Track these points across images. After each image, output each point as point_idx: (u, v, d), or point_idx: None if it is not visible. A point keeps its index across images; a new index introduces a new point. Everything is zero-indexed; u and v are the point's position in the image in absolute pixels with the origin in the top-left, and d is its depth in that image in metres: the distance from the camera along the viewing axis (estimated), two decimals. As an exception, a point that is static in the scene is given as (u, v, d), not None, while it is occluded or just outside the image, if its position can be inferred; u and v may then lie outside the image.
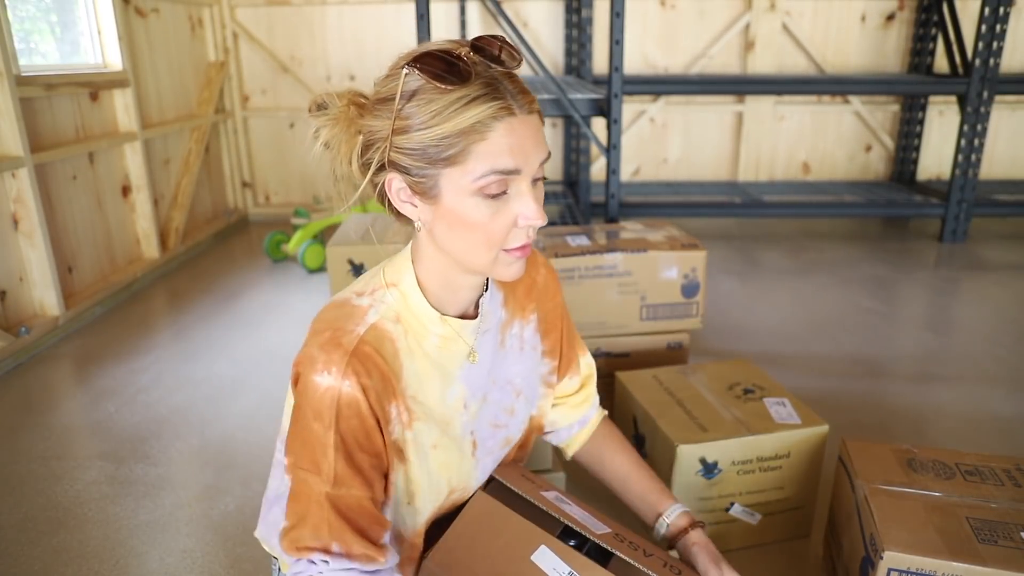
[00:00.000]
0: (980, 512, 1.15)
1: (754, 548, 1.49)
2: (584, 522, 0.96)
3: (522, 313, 0.99)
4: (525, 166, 0.76)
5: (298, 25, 4.12)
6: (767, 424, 1.42)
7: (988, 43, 3.40)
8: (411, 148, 0.75)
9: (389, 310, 0.83)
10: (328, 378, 0.77)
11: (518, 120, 0.75)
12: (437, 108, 0.73)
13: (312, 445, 0.78)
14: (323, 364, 0.77)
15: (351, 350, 0.78)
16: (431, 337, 0.85)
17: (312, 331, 0.82)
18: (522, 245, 0.81)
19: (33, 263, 2.49)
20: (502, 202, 0.77)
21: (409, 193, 0.79)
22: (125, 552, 1.50)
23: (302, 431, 0.79)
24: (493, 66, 0.75)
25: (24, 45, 2.70)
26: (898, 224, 4.18)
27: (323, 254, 3.30)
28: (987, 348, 2.45)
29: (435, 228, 0.80)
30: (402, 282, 0.85)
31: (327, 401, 0.77)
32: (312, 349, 0.79)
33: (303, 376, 0.79)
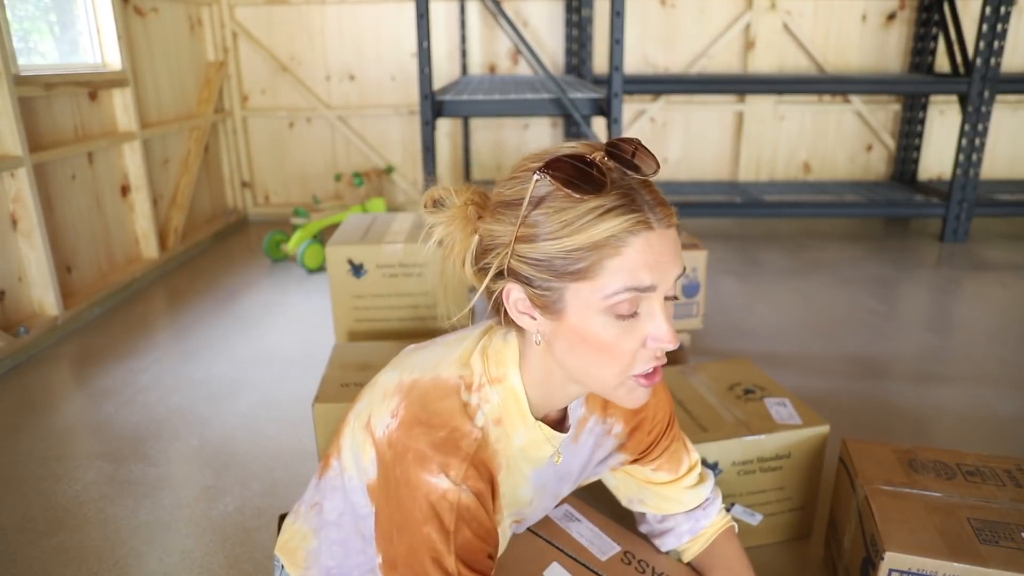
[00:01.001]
0: (981, 512, 1.15)
1: (755, 549, 1.48)
2: (592, 542, 0.96)
3: (601, 412, 0.93)
4: (661, 283, 0.70)
5: (297, 25, 4.12)
6: (768, 424, 1.42)
7: (989, 42, 3.40)
8: (536, 258, 0.70)
9: (493, 411, 0.78)
10: (446, 481, 0.72)
11: (656, 235, 0.69)
12: (568, 218, 0.68)
13: (422, 552, 0.73)
14: (439, 466, 0.73)
15: (471, 455, 0.74)
16: (518, 438, 0.81)
17: (417, 415, 0.76)
18: (651, 372, 0.74)
19: (32, 263, 2.49)
20: (632, 322, 0.71)
21: (529, 305, 0.73)
22: (125, 552, 1.50)
23: (408, 536, 0.74)
24: (629, 173, 0.70)
25: (23, 44, 2.70)
26: (899, 224, 4.18)
27: (322, 254, 3.30)
28: (988, 348, 2.45)
29: (555, 344, 0.74)
30: (507, 380, 0.79)
31: (445, 505, 0.72)
32: (422, 444, 0.73)
33: (409, 471, 0.73)
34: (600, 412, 0.92)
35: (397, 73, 4.20)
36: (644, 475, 1.02)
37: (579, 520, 1.01)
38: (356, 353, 1.67)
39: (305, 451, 1.86)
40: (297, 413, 2.04)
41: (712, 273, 3.23)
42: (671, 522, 1.04)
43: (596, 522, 1.02)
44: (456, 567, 0.73)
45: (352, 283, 1.99)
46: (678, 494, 1.03)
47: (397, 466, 0.75)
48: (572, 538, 0.97)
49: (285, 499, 1.66)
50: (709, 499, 1.05)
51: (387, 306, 2.00)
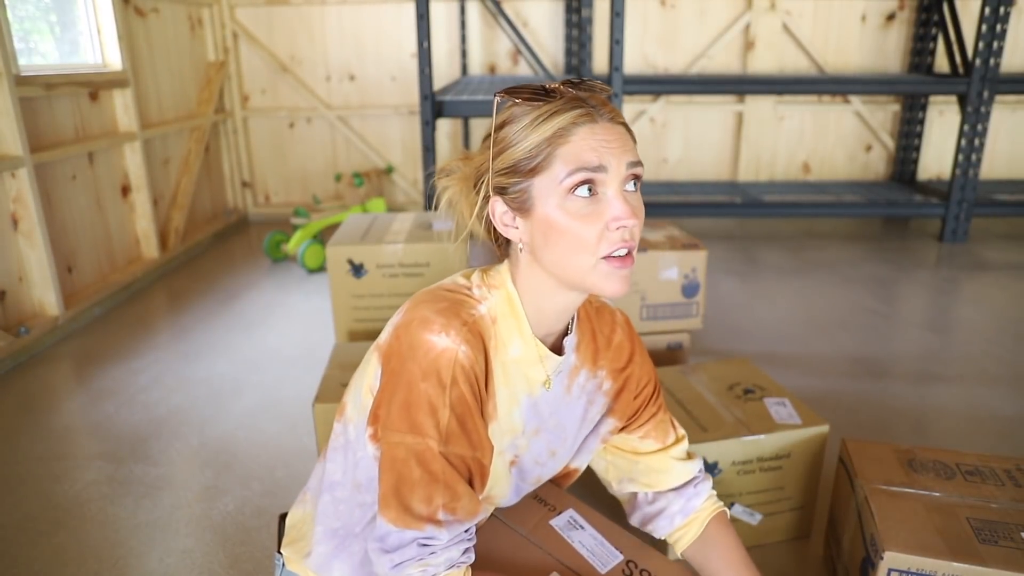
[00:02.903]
0: (981, 512, 1.15)
1: (755, 548, 1.48)
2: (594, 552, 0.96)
3: (592, 365, 0.97)
4: (610, 165, 0.77)
5: (298, 25, 4.12)
6: (767, 424, 1.42)
7: (988, 43, 3.40)
8: (507, 168, 0.80)
9: (492, 308, 0.85)
10: (446, 339, 0.78)
11: (600, 125, 0.78)
12: (526, 123, 0.78)
13: (417, 405, 0.77)
14: (441, 327, 0.78)
15: (470, 323, 0.80)
16: (513, 348, 0.86)
17: (420, 300, 0.83)
18: (622, 255, 0.79)
19: (32, 263, 2.49)
20: (592, 204, 0.78)
21: (510, 215, 0.82)
22: (124, 552, 1.50)
23: (403, 392, 0.78)
24: (580, 91, 0.80)
25: (24, 45, 2.70)
26: (898, 224, 4.18)
27: (323, 254, 3.30)
28: (987, 348, 2.45)
29: (534, 244, 0.82)
30: (506, 285, 0.87)
31: (444, 361, 0.77)
32: (426, 312, 0.80)
33: (411, 334, 0.79)
34: (591, 365, 0.96)
35: (397, 73, 4.20)
36: (632, 445, 1.04)
37: (582, 528, 1.01)
38: (356, 353, 1.67)
39: (305, 451, 1.86)
40: (297, 413, 2.05)
41: (712, 273, 3.23)
42: (662, 501, 1.04)
43: (601, 529, 1.01)
44: (449, 420, 0.78)
45: (352, 283, 1.99)
46: (667, 464, 1.04)
47: (403, 337, 0.80)
48: (574, 549, 0.97)
49: (285, 499, 1.66)
50: (699, 478, 1.06)
51: (387, 306, 2.01)
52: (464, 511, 0.79)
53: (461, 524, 0.79)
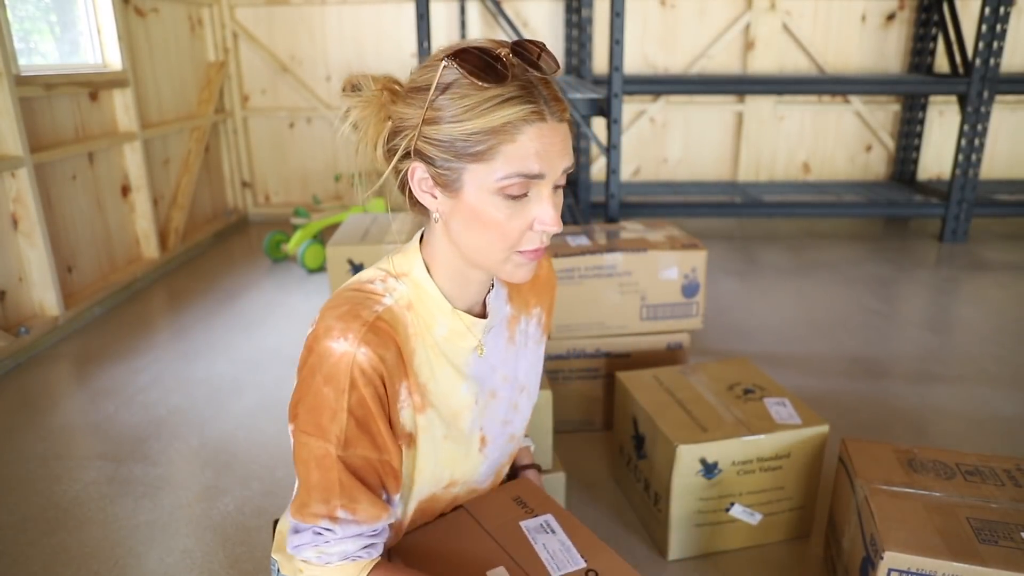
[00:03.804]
0: (980, 512, 1.15)
1: (754, 548, 1.48)
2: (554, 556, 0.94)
3: (526, 308, 0.99)
4: (549, 172, 0.77)
5: (298, 25, 4.12)
6: (767, 424, 1.42)
7: (988, 43, 3.40)
8: (439, 139, 0.76)
9: (402, 297, 0.84)
10: (344, 344, 0.77)
11: (548, 126, 0.76)
12: (470, 103, 0.74)
13: (320, 409, 0.78)
14: (339, 332, 0.78)
15: (369, 322, 0.79)
16: (439, 328, 0.86)
17: (326, 307, 0.82)
18: (535, 249, 0.81)
19: (32, 263, 2.49)
20: (521, 204, 0.78)
21: (431, 184, 0.80)
22: (124, 552, 1.50)
23: (310, 396, 0.79)
24: (531, 70, 0.77)
25: (24, 45, 2.70)
26: (898, 224, 4.18)
27: (323, 254, 3.30)
28: (987, 348, 2.45)
29: (451, 222, 0.81)
30: (413, 271, 0.86)
31: (342, 366, 0.77)
32: (328, 320, 0.79)
33: (317, 343, 0.79)
34: (525, 308, 0.98)
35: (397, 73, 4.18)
36: None
37: (552, 532, 0.99)
38: (356, 353, 1.67)
39: (305, 451, 1.85)
40: (297, 413, 2.04)
41: (712, 273, 3.23)
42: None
43: (575, 538, 0.99)
44: (347, 424, 0.77)
45: (352, 283, 1.99)
46: None
47: (312, 349, 0.79)
48: (533, 550, 0.96)
49: (285, 499, 1.66)
50: None
51: (387, 306, 2.00)
52: (364, 514, 0.79)
53: (358, 526, 0.80)
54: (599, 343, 1.90)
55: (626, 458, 1.64)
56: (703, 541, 1.45)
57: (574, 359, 1.90)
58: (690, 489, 1.40)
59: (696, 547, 1.46)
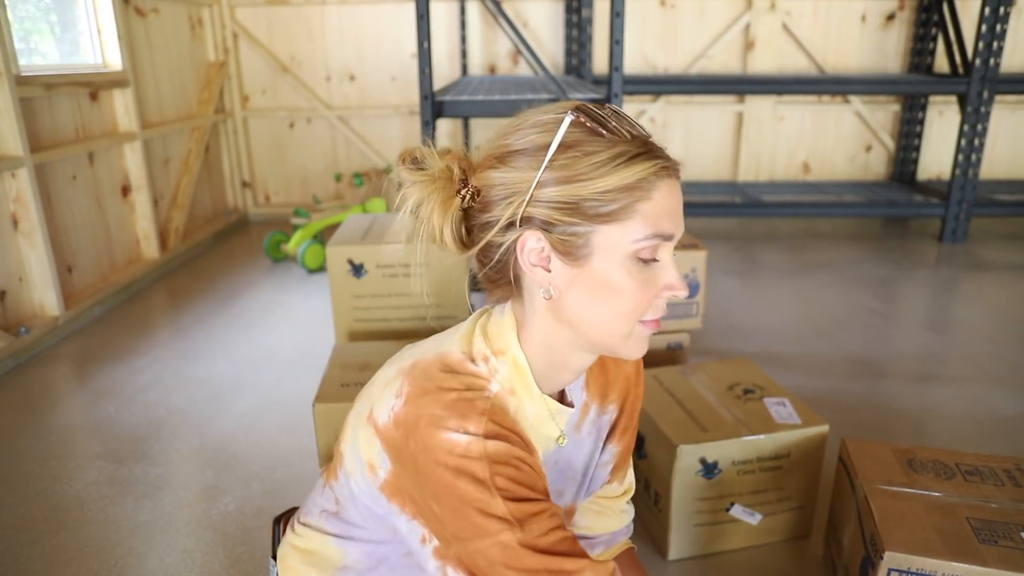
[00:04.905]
0: (980, 512, 1.15)
1: (754, 548, 1.48)
2: None
3: (602, 400, 0.92)
4: (677, 232, 0.73)
5: (298, 25, 4.12)
6: (767, 424, 1.42)
7: (988, 43, 3.40)
8: (562, 201, 0.69)
9: (506, 381, 0.76)
10: (466, 436, 0.69)
11: (675, 183, 0.72)
12: (601, 159, 0.68)
13: (466, 509, 0.69)
14: (457, 423, 0.70)
15: (487, 411, 0.72)
16: (529, 412, 0.79)
17: (423, 391, 0.73)
18: (656, 319, 0.75)
19: (33, 263, 2.49)
20: (651, 269, 0.72)
21: (546, 254, 0.72)
22: (125, 552, 1.50)
23: (446, 500, 0.70)
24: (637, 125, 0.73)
25: (24, 45, 2.70)
26: (898, 224, 4.18)
27: (323, 254, 3.30)
28: (987, 348, 2.45)
29: (569, 295, 0.73)
30: (511, 350, 0.77)
31: (473, 454, 0.69)
32: (434, 409, 0.71)
33: (422, 436, 0.70)
34: (601, 400, 0.91)
35: (397, 73, 4.20)
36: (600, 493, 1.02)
37: None
38: (356, 353, 1.67)
39: (305, 451, 1.86)
40: (297, 413, 2.05)
41: (712, 273, 3.23)
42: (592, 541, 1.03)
43: None
44: (507, 508, 0.69)
45: (352, 283, 1.99)
46: (613, 510, 1.03)
47: (410, 439, 0.71)
48: None
49: (285, 499, 1.66)
50: (629, 526, 1.06)
51: (387, 306, 2.01)
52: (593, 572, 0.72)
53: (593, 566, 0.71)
54: (599, 343, 1.90)
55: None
56: (703, 541, 1.46)
57: (574, 359, 1.90)
58: (690, 489, 1.40)
59: (696, 547, 1.46)
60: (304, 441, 1.90)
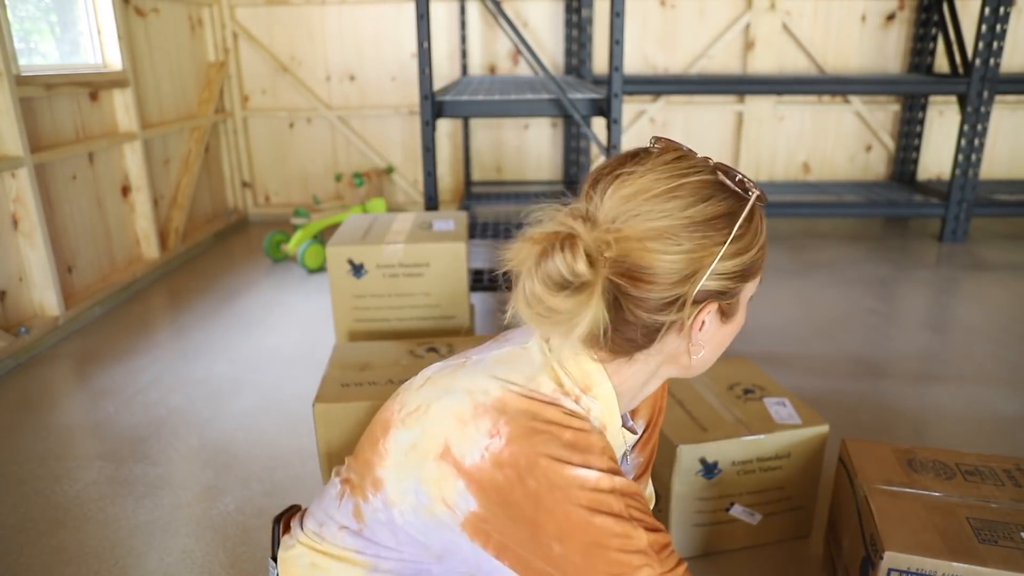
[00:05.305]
0: (980, 512, 1.15)
1: (754, 548, 1.48)
2: None
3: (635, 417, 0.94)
4: None
5: (298, 25, 4.12)
6: (767, 424, 1.42)
7: (988, 43, 3.40)
8: (735, 269, 0.70)
9: (597, 418, 0.76)
10: (594, 472, 0.68)
11: None
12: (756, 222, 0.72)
13: (603, 545, 0.67)
14: (580, 462, 0.68)
15: (605, 450, 0.71)
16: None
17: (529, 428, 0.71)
18: None
19: (33, 263, 2.49)
20: None
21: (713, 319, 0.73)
22: (124, 552, 1.50)
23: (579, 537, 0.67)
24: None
25: (24, 45, 2.70)
26: (898, 224, 4.18)
27: (323, 254, 3.30)
28: (988, 348, 2.45)
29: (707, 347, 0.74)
30: (596, 388, 0.76)
31: (604, 491, 0.68)
32: (552, 449, 0.69)
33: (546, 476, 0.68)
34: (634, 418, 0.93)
35: (397, 73, 4.20)
36: None
37: None
38: (356, 353, 1.67)
39: (305, 451, 1.86)
40: (297, 413, 2.05)
41: (712, 273, 3.23)
42: None
43: None
44: (648, 539, 0.68)
45: (352, 283, 1.99)
46: None
47: (528, 479, 0.69)
48: None
49: (285, 499, 1.66)
50: None
51: (387, 306, 2.00)
52: None
53: None
54: (599, 343, 1.90)
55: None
56: (703, 541, 1.46)
57: (574, 359, 1.90)
58: (690, 489, 1.40)
59: (696, 547, 1.46)
60: (304, 441, 1.90)
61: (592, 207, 0.70)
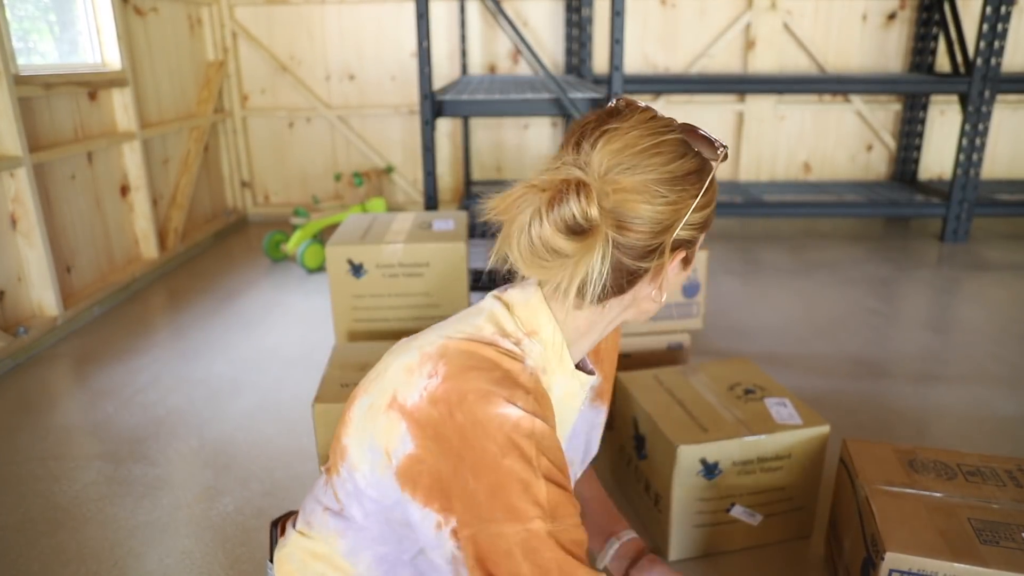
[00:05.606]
0: (982, 513, 1.15)
1: (755, 549, 1.48)
2: None
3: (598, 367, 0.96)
4: None
5: (297, 24, 4.11)
6: (768, 425, 1.42)
7: (990, 42, 3.39)
8: (703, 222, 0.77)
9: (539, 360, 0.78)
10: (516, 410, 0.70)
11: None
12: (715, 181, 0.77)
13: (507, 488, 0.69)
14: (505, 397, 0.70)
15: (533, 389, 0.73)
16: (557, 389, 0.81)
17: (464, 367, 0.73)
18: None
19: (31, 263, 2.49)
20: None
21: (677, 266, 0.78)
22: (124, 553, 1.49)
23: (485, 475, 0.69)
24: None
25: (23, 44, 2.69)
26: (899, 224, 4.17)
27: (322, 254, 3.30)
28: (989, 348, 2.45)
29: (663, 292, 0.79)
30: (543, 331, 0.79)
31: (521, 432, 0.69)
32: (481, 384, 0.71)
33: (471, 410, 0.70)
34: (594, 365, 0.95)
35: (397, 73, 4.19)
36: None
37: None
38: (356, 353, 1.67)
39: (305, 451, 1.85)
40: (297, 413, 2.04)
41: (712, 273, 3.23)
42: None
43: None
44: (547, 493, 0.70)
45: (352, 283, 1.98)
46: None
47: (456, 413, 0.71)
48: None
49: (284, 499, 1.66)
50: None
51: (387, 306, 2.00)
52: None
53: None
54: (599, 343, 1.89)
55: (626, 459, 1.64)
56: (704, 542, 1.45)
57: (574, 359, 1.89)
58: (690, 490, 1.39)
59: (696, 548, 1.45)
60: (303, 441, 1.90)
61: (583, 160, 0.73)
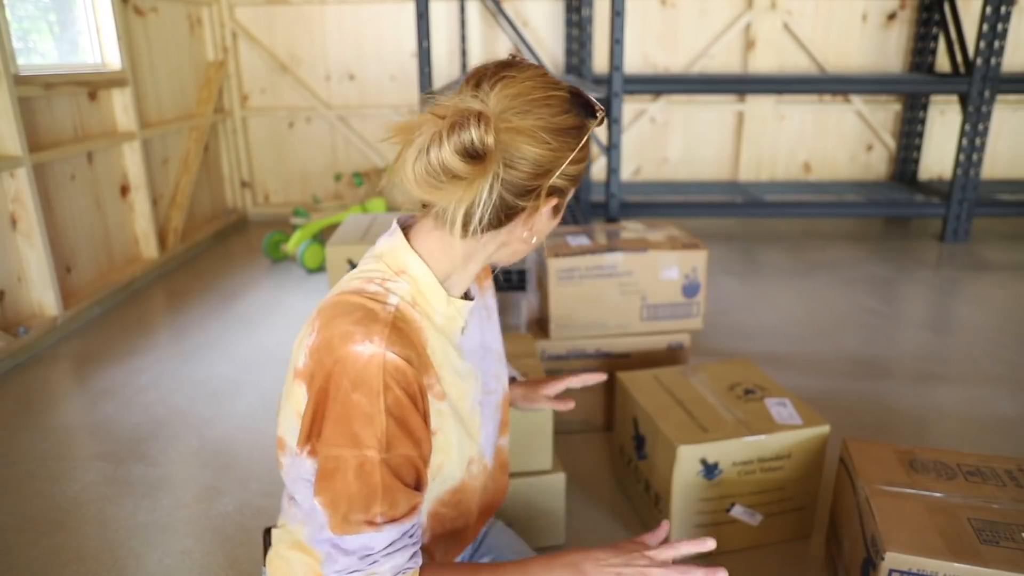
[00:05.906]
0: (982, 513, 1.15)
1: (755, 549, 1.48)
2: None
3: (480, 282, 1.03)
4: None
5: (297, 24, 4.11)
6: (768, 425, 1.42)
7: (990, 42, 3.39)
8: (574, 173, 0.84)
9: (406, 294, 0.85)
10: (371, 346, 0.76)
11: None
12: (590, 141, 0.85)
13: (351, 418, 0.76)
14: (363, 335, 0.76)
15: (390, 322, 0.79)
16: (438, 317, 0.88)
17: (332, 316, 0.80)
18: None
19: (32, 263, 2.49)
20: None
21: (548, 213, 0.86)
22: (124, 553, 1.49)
23: (336, 407, 0.77)
24: None
25: (23, 44, 2.69)
26: (899, 224, 4.17)
27: (322, 254, 3.30)
28: (989, 348, 2.45)
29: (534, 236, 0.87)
30: (410, 269, 0.86)
31: (372, 368, 0.76)
32: (342, 326, 0.78)
33: (335, 351, 0.77)
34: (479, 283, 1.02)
35: (397, 73, 4.19)
36: None
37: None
38: (356, 353, 1.67)
39: (305, 451, 1.85)
40: (297, 413, 2.04)
41: (712, 273, 3.23)
42: None
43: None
44: (387, 425, 0.76)
45: (352, 283, 1.98)
46: None
47: (325, 358, 0.77)
48: None
49: (285, 499, 1.66)
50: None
51: (387, 306, 2.00)
52: (402, 510, 0.79)
53: (399, 524, 0.78)
54: (599, 343, 1.90)
55: (626, 459, 1.64)
56: (703, 542, 1.45)
57: (574, 359, 1.90)
58: (691, 490, 1.39)
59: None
60: (303, 441, 1.90)
61: (482, 97, 0.80)
